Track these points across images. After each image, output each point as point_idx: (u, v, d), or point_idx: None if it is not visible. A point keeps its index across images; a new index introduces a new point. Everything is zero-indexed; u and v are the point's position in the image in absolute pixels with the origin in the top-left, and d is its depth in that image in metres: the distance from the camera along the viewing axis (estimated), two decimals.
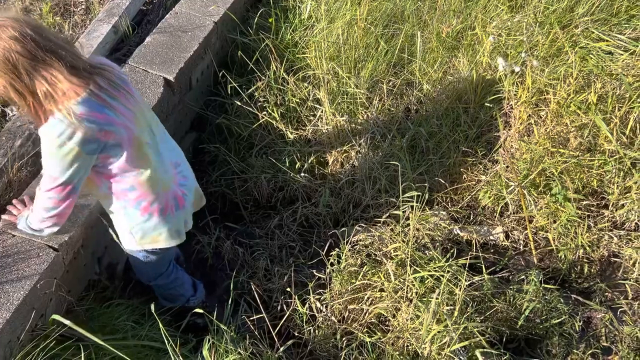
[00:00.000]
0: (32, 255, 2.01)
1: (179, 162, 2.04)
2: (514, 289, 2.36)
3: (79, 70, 1.65)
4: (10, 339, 1.87)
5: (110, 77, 1.73)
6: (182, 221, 2.06)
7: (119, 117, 1.73)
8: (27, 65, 1.57)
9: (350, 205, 2.90)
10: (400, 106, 3.07)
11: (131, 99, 1.80)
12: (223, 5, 3.25)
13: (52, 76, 1.60)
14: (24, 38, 1.55)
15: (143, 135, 1.83)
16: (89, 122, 1.65)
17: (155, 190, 1.90)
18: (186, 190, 2.05)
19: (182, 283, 2.40)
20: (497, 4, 3.30)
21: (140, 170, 1.84)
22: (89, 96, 1.65)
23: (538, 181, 2.70)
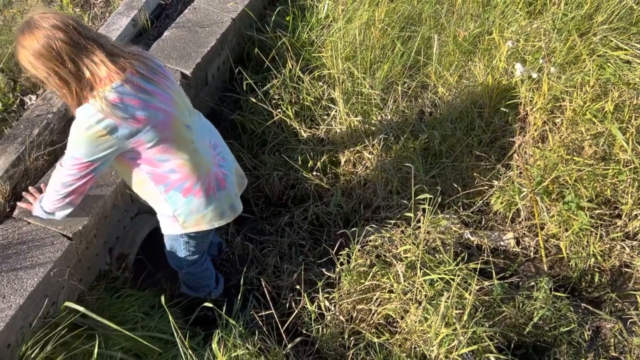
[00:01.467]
0: (46, 243, 2.04)
1: (217, 144, 2.06)
2: (524, 295, 2.35)
3: (118, 57, 1.69)
4: (22, 325, 1.89)
5: (147, 63, 1.77)
6: (224, 202, 2.05)
7: (156, 101, 1.76)
8: (70, 52, 1.61)
9: (361, 206, 2.90)
10: (415, 108, 3.07)
11: (169, 82, 1.83)
12: (241, 2, 3.26)
13: (93, 63, 1.64)
14: (66, 27, 1.60)
15: (183, 117, 1.86)
16: (121, 108, 1.67)
17: (196, 172, 1.92)
18: (226, 171, 2.06)
19: (210, 275, 2.42)
20: (515, 10, 3.29)
21: (181, 152, 1.86)
22: (123, 83, 1.68)
23: (551, 188, 2.69)
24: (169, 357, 2.13)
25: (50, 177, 1.89)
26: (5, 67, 2.66)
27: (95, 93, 1.65)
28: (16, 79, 2.65)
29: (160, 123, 1.77)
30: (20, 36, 1.64)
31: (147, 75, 1.74)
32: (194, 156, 1.90)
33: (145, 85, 1.74)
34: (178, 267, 2.33)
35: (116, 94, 1.67)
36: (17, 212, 2.09)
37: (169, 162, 1.86)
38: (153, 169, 1.87)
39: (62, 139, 2.43)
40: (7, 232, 2.04)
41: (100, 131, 1.67)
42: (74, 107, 1.71)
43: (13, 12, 2.98)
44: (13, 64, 2.69)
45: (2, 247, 1.99)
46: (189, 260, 2.26)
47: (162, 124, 1.77)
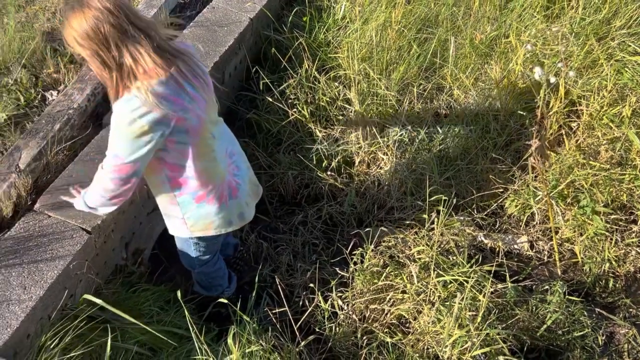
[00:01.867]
0: (66, 236, 2.07)
1: (233, 152, 2.05)
2: (537, 298, 2.35)
3: (165, 52, 1.67)
4: (42, 316, 1.93)
5: (190, 64, 1.75)
6: (234, 211, 2.04)
7: (193, 105, 1.74)
8: (117, 38, 1.58)
9: (375, 206, 2.91)
10: (430, 110, 3.08)
11: (206, 88, 1.82)
12: (259, 2, 3.29)
13: (138, 53, 1.61)
14: (117, 11, 1.57)
15: (210, 126, 1.85)
16: (166, 104, 1.65)
17: (212, 180, 1.91)
18: (240, 180, 2.05)
19: (223, 274, 2.43)
20: (533, 13, 3.28)
21: (201, 160, 1.85)
22: (170, 79, 1.67)
23: (566, 192, 2.68)
24: (184, 351, 2.15)
25: (94, 177, 1.87)
26: (27, 62, 2.71)
27: (139, 84, 1.63)
28: (38, 74, 2.69)
29: (192, 127, 1.75)
30: (70, 12, 1.60)
31: (189, 77, 1.72)
32: (212, 164, 1.90)
33: (186, 86, 1.72)
34: (190, 267, 2.35)
35: (163, 88, 1.65)
36: (38, 205, 2.13)
37: (188, 168, 1.85)
38: (173, 173, 1.87)
39: (82, 135, 2.47)
40: (29, 225, 2.07)
41: (143, 126, 1.64)
42: (111, 93, 1.69)
43: (35, 9, 3.03)
44: (35, 60, 2.74)
45: (23, 240, 2.03)
46: (201, 260, 2.27)
47: (194, 128, 1.76)
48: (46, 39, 2.86)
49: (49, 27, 2.93)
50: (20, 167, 2.21)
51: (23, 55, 2.71)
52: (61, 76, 2.69)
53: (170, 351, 2.16)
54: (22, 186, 2.15)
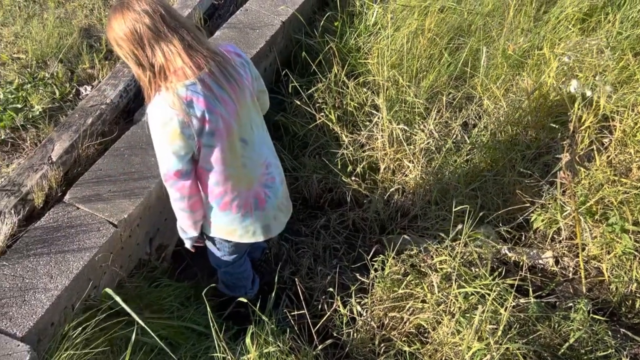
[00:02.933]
0: (93, 228, 2.11)
1: (270, 163, 2.02)
2: (560, 315, 2.30)
3: (196, 53, 1.69)
4: (66, 306, 1.97)
5: (225, 67, 1.75)
6: (259, 222, 2.03)
7: (221, 109, 1.75)
8: (151, 38, 1.64)
9: (399, 214, 2.90)
10: (459, 119, 3.05)
11: (240, 92, 1.80)
12: (292, 6, 3.32)
13: (169, 52, 1.66)
14: (154, 13, 1.64)
15: (241, 130, 1.84)
16: (189, 107, 1.68)
17: (238, 187, 1.92)
18: (270, 193, 2.02)
19: (248, 276, 2.44)
20: (568, 26, 3.24)
21: (228, 165, 1.85)
22: (197, 81, 1.69)
23: (595, 209, 2.63)
24: (202, 348, 2.17)
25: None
26: (64, 57, 2.78)
27: (168, 85, 1.67)
28: (74, 69, 2.76)
29: (218, 130, 1.77)
30: (112, 14, 1.68)
31: (220, 80, 1.73)
32: (239, 170, 1.90)
33: (215, 89, 1.73)
34: (217, 266, 2.37)
35: (188, 91, 1.68)
36: (68, 196, 2.18)
37: (215, 174, 1.86)
38: (201, 176, 1.88)
39: (113, 130, 2.52)
40: (58, 216, 2.12)
41: (176, 129, 1.69)
42: (146, 94, 1.74)
43: (74, 6, 3.11)
44: (71, 55, 2.81)
45: (52, 230, 2.08)
46: (226, 261, 2.28)
47: (220, 132, 1.77)
48: (83, 35, 2.93)
49: (86, 24, 3.00)
50: (53, 159, 2.26)
51: (60, 50, 2.78)
52: (96, 72, 2.75)
53: (189, 347, 2.18)
54: (54, 178, 2.21)
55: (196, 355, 2.16)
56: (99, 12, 3.06)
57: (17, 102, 2.53)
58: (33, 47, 2.77)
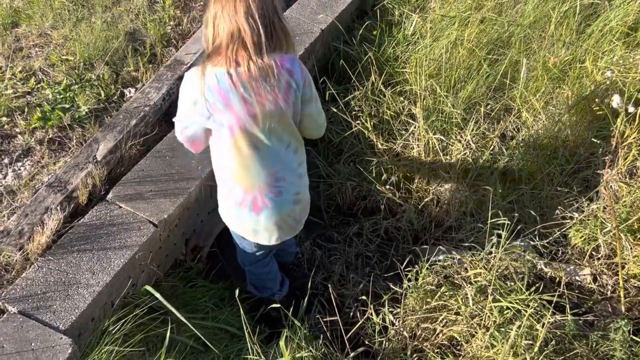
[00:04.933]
0: (134, 227, 2.17)
1: (284, 178, 2.03)
2: (599, 334, 2.25)
3: (245, 50, 1.77)
4: (106, 302, 2.02)
5: (266, 73, 1.79)
6: (248, 224, 2.08)
7: (238, 107, 1.81)
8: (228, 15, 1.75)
9: (433, 224, 2.88)
10: (497, 131, 3.02)
11: (269, 104, 1.84)
12: (331, 15, 3.34)
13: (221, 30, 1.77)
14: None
15: (255, 136, 1.88)
16: (209, 90, 1.80)
17: (236, 182, 2.00)
18: (270, 204, 2.03)
19: (274, 277, 2.47)
20: (612, 40, 3.18)
21: (232, 161, 1.94)
22: (226, 73, 1.79)
23: (637, 227, 2.56)
24: (235, 350, 2.20)
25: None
26: (110, 60, 2.86)
27: (207, 64, 1.81)
28: (119, 72, 2.84)
29: (229, 125, 1.85)
30: None
31: (250, 82, 1.79)
32: (243, 171, 1.96)
33: (241, 87, 1.79)
34: (242, 264, 2.42)
35: (215, 79, 1.79)
36: (111, 195, 2.24)
37: (223, 159, 1.98)
38: (215, 158, 2.02)
39: (155, 132, 2.58)
40: (101, 214, 2.18)
41: (190, 97, 1.85)
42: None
43: (120, 10, 3.20)
44: (117, 58, 2.89)
45: (95, 227, 2.14)
46: (247, 258, 2.32)
47: (231, 127, 1.85)
48: (128, 39, 3.01)
49: (132, 28, 3.09)
50: (97, 158, 2.33)
51: (106, 53, 2.86)
52: (140, 75, 2.82)
53: (222, 348, 2.20)
54: (98, 176, 2.27)
55: (229, 357, 2.19)
56: (144, 16, 3.14)
57: (64, 102, 2.62)
58: (81, 49, 2.85)
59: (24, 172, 2.36)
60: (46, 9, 3.12)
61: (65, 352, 1.78)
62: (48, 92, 2.66)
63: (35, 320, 1.84)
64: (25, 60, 2.85)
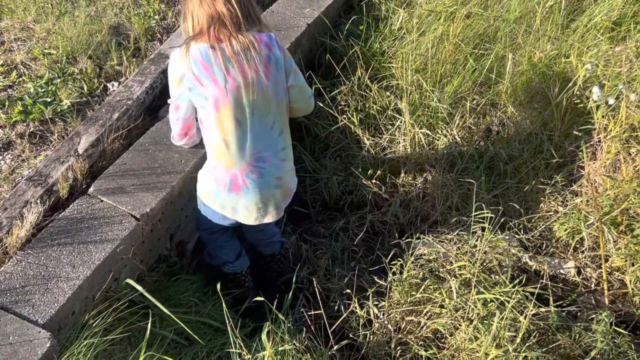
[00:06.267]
0: (115, 221, 2.14)
1: (265, 159, 2.06)
2: (581, 326, 2.26)
3: (226, 28, 1.88)
4: (87, 295, 2.00)
5: (248, 48, 1.90)
6: (228, 203, 2.12)
7: (221, 79, 1.88)
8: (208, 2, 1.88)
9: (418, 219, 2.88)
10: (482, 126, 3.03)
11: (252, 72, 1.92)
12: (317, 9, 3.33)
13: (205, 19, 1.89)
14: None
15: (238, 109, 1.94)
16: (194, 64, 1.88)
17: (218, 160, 2.05)
18: (250, 185, 2.07)
19: (222, 246, 2.46)
20: (597, 35, 3.19)
21: (216, 136, 1.99)
22: (209, 48, 1.88)
23: (620, 220, 2.58)
24: (218, 344, 2.19)
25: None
26: (93, 54, 2.83)
27: (190, 42, 1.90)
28: (102, 65, 2.81)
29: (213, 98, 1.91)
30: None
31: (232, 55, 1.88)
32: (224, 146, 2.00)
33: (224, 61, 1.88)
34: (197, 226, 2.45)
35: (198, 52, 1.88)
36: (92, 189, 2.22)
37: (208, 133, 2.02)
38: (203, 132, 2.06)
39: (138, 125, 2.56)
40: (82, 207, 2.16)
41: (176, 75, 1.93)
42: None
43: (104, 4, 3.17)
44: (100, 52, 2.86)
45: (76, 221, 2.11)
46: (203, 223, 2.33)
47: (215, 99, 1.91)
48: (112, 33, 2.98)
49: (116, 22, 3.06)
50: (79, 152, 2.30)
51: (90, 47, 2.84)
52: (123, 69, 2.80)
53: (206, 342, 2.19)
54: (79, 170, 2.25)
55: (212, 351, 2.18)
56: (128, 10, 3.11)
57: (46, 96, 2.59)
58: (64, 43, 2.83)
59: (4, 166, 2.33)
60: (29, 2, 3.09)
61: (44, 346, 1.75)
62: (30, 86, 2.63)
63: (13, 314, 1.82)
64: (6, 54, 2.82)
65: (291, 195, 2.24)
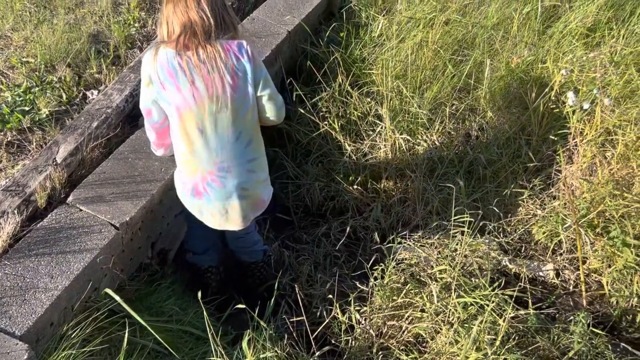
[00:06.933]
0: (94, 230, 2.13)
1: (228, 169, 2.08)
2: (560, 328, 2.29)
3: (196, 37, 1.90)
4: (66, 306, 1.98)
5: (213, 57, 1.91)
6: (197, 207, 2.18)
7: (184, 87, 1.91)
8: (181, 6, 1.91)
9: (400, 223, 2.90)
10: (461, 131, 3.07)
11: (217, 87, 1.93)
12: (298, 16, 3.35)
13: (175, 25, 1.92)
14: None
15: (200, 118, 1.97)
16: (160, 68, 1.91)
17: (182, 165, 2.12)
18: (211, 193, 2.11)
19: (195, 237, 2.50)
20: (572, 40, 3.25)
21: (179, 141, 2.04)
22: (177, 55, 1.91)
23: (596, 222, 2.62)
24: (200, 352, 2.18)
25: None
26: (72, 62, 2.81)
27: (160, 46, 1.93)
28: (81, 74, 2.80)
29: (176, 105, 1.95)
30: None
31: (197, 65, 1.90)
32: (187, 153, 2.05)
33: (188, 69, 1.91)
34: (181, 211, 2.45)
35: (165, 57, 1.91)
36: (71, 198, 2.20)
37: (174, 140, 2.08)
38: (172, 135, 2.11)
39: (118, 134, 2.55)
40: (60, 217, 2.14)
41: (145, 77, 1.96)
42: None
43: (84, 12, 3.16)
44: (79, 60, 2.85)
45: (54, 231, 2.09)
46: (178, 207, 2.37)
47: (176, 107, 1.95)
48: (91, 41, 2.97)
49: (95, 30, 3.05)
50: (57, 161, 2.29)
51: (69, 55, 2.82)
52: (103, 77, 2.78)
53: (187, 351, 2.18)
54: (57, 179, 2.23)
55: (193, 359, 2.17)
56: (108, 18, 3.10)
57: (24, 105, 2.57)
58: (42, 51, 2.81)
59: None
60: (6, 10, 3.06)
61: (22, 358, 1.73)
62: (7, 95, 2.60)
63: None
64: None
65: (263, 206, 2.26)
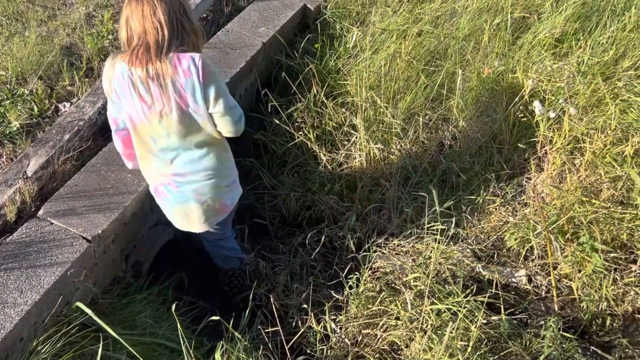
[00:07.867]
0: (66, 243, 2.11)
1: (183, 175, 2.14)
2: (531, 333, 2.33)
3: (147, 51, 1.89)
4: (36, 321, 1.96)
5: (161, 74, 1.90)
6: (162, 207, 2.26)
7: (135, 101, 1.96)
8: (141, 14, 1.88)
9: (375, 232, 2.92)
10: (435, 140, 3.11)
11: (164, 102, 1.94)
12: (272, 28, 3.38)
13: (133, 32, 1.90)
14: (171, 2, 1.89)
15: (152, 131, 2.02)
16: (115, 79, 1.95)
17: (143, 169, 2.21)
18: (170, 197, 2.19)
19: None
20: (541, 51, 3.33)
21: (137, 148, 2.12)
22: (128, 70, 1.92)
23: (566, 228, 2.68)
24: None
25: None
26: (44, 74, 2.80)
27: (117, 56, 1.94)
28: (53, 86, 2.78)
29: (129, 115, 2.01)
30: None
31: (146, 82, 1.91)
32: (144, 159, 2.15)
33: (139, 86, 1.93)
34: None
35: (120, 71, 1.93)
36: (42, 211, 2.18)
37: (133, 142, 2.14)
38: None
39: (90, 146, 2.53)
40: (31, 231, 2.12)
41: (106, 90, 2.01)
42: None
43: (56, 24, 3.14)
44: (52, 72, 2.83)
45: (24, 245, 2.07)
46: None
47: (130, 118, 2.02)
48: (64, 53, 2.95)
49: (68, 42, 3.03)
50: (28, 174, 2.27)
51: (40, 67, 2.80)
52: (75, 89, 2.77)
53: None
54: (28, 193, 2.21)
55: None
56: (81, 30, 3.09)
57: None
58: (13, 64, 2.78)
59: None
60: None
61: None
62: None
63: None
64: None
65: (227, 211, 2.29)
